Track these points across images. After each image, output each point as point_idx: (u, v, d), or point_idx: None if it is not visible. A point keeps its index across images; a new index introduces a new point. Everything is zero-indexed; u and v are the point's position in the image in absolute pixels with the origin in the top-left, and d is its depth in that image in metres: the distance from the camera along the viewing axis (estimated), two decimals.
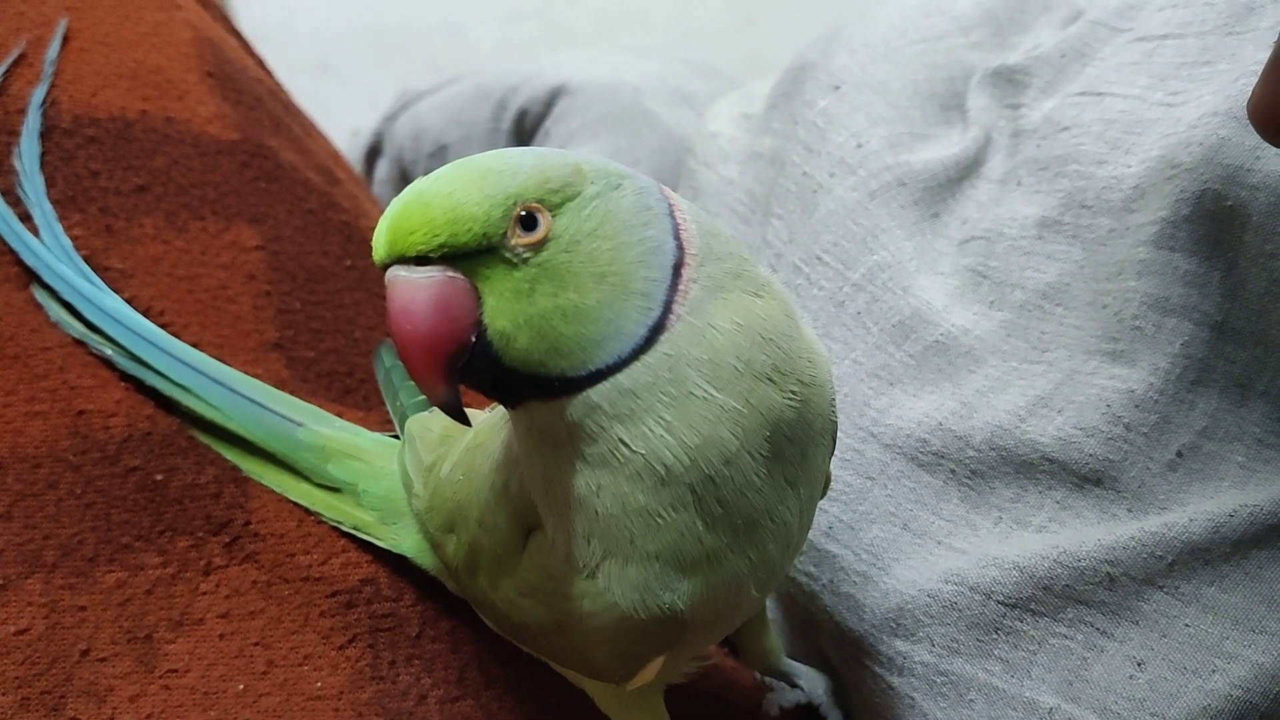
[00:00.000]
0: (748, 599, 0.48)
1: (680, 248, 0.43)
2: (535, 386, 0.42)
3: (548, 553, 0.48)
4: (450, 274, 0.41)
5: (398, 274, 0.41)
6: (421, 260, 0.41)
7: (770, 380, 0.43)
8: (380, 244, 0.41)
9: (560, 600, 0.48)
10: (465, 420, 0.45)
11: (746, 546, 0.45)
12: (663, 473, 0.42)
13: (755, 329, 0.43)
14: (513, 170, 0.41)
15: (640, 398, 0.42)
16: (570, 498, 0.45)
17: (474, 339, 0.41)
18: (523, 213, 0.40)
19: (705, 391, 0.42)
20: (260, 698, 0.60)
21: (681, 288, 0.43)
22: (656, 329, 0.42)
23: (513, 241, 0.40)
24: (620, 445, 0.42)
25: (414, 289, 0.41)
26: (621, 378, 0.42)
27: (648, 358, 0.42)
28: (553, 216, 0.41)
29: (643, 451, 0.42)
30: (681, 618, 0.45)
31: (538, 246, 0.41)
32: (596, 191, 0.42)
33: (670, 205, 0.44)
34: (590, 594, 0.46)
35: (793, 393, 0.44)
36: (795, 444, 0.45)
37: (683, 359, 0.42)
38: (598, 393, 0.42)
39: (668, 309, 0.42)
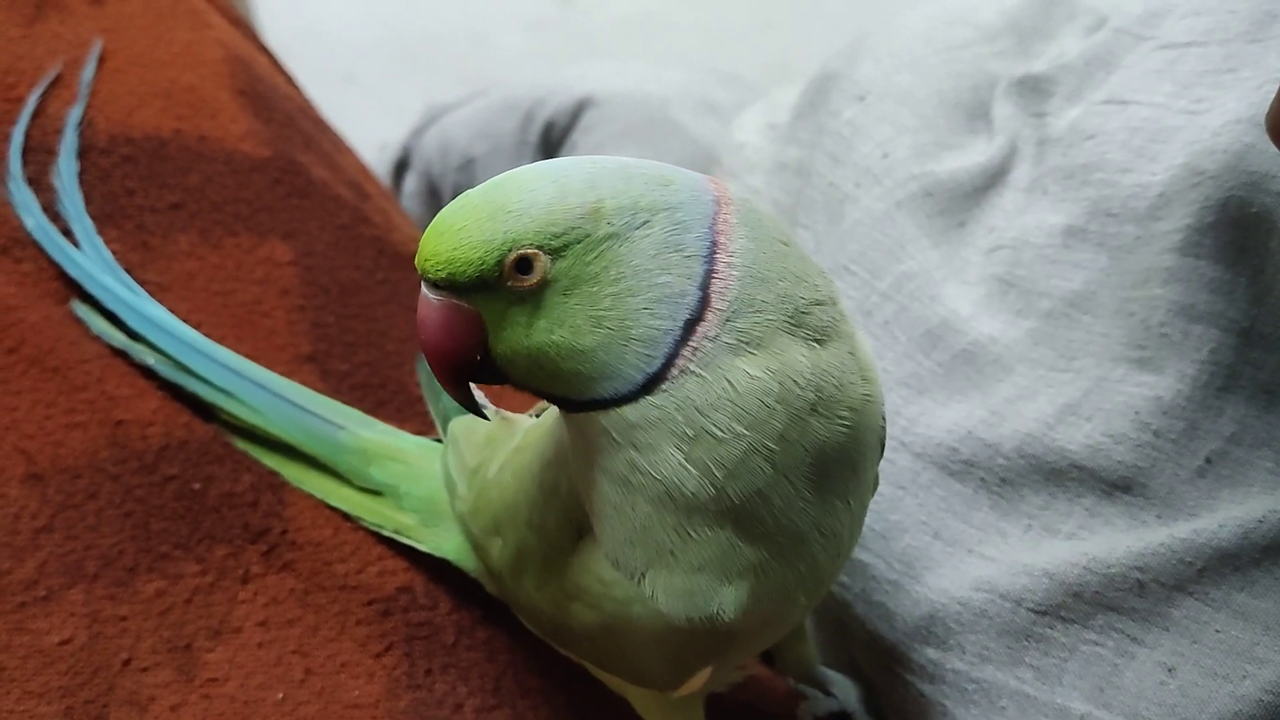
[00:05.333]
0: (796, 608, 0.48)
1: (705, 299, 0.41)
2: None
3: (598, 556, 0.48)
4: (456, 301, 0.43)
5: (424, 289, 0.44)
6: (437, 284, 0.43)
7: (815, 413, 0.42)
8: (416, 260, 0.44)
9: (609, 604, 0.47)
10: (480, 413, 0.50)
11: (794, 559, 0.45)
12: (683, 500, 0.42)
13: (790, 378, 0.42)
14: (521, 211, 0.41)
15: (648, 432, 0.42)
16: (610, 504, 0.45)
17: (481, 356, 0.44)
18: (518, 258, 0.41)
19: (730, 430, 0.41)
20: (299, 706, 0.60)
21: (693, 342, 0.41)
22: (657, 377, 0.41)
23: (509, 284, 0.41)
24: (635, 471, 0.43)
25: (427, 308, 0.44)
26: (626, 411, 0.42)
27: (653, 399, 0.42)
28: (554, 260, 0.41)
29: (660, 478, 0.42)
30: (730, 627, 0.45)
31: (536, 288, 0.41)
32: (610, 233, 0.41)
33: (713, 246, 0.42)
34: (640, 600, 0.46)
35: (842, 418, 0.43)
36: (846, 463, 0.45)
37: (692, 405, 0.41)
38: (606, 418, 0.43)
39: (670, 361, 0.41)
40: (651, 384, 0.41)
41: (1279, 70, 0.61)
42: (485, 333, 0.43)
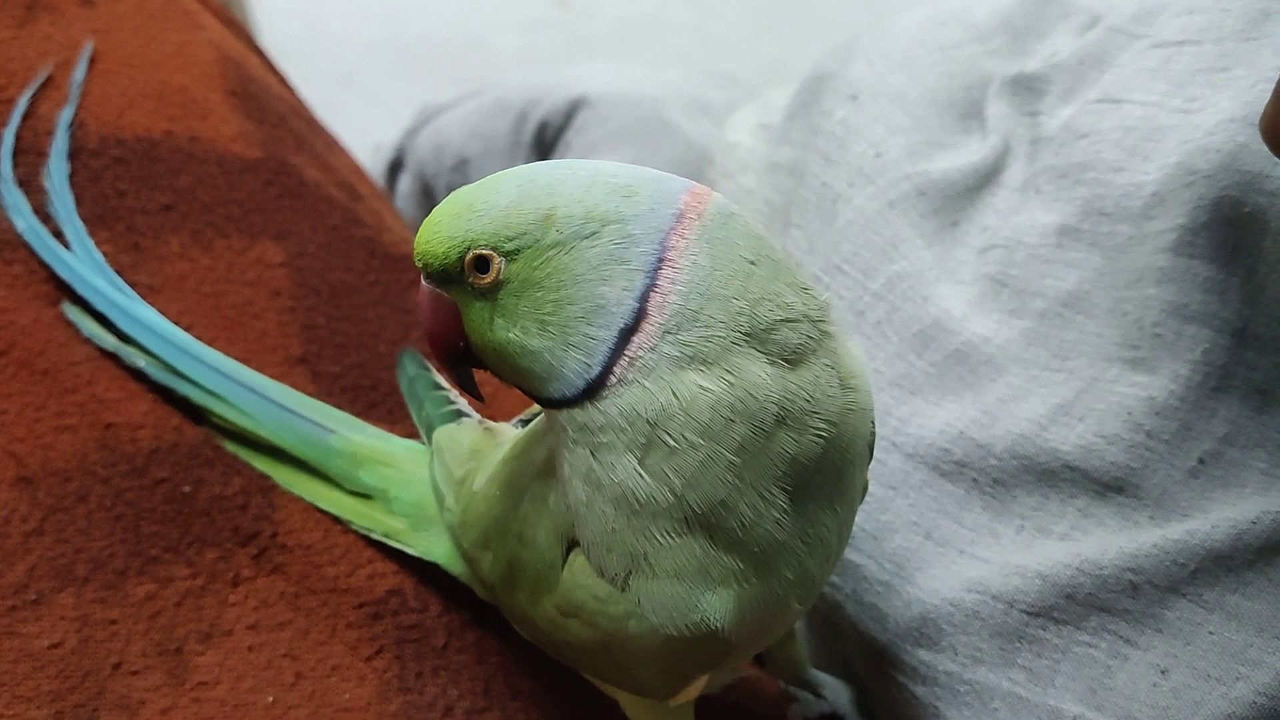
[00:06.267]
0: (789, 614, 0.48)
1: (643, 311, 0.42)
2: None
3: (590, 570, 0.47)
4: (437, 290, 0.46)
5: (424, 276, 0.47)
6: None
7: (784, 426, 0.42)
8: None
9: (605, 621, 0.47)
10: (477, 395, 0.51)
11: (779, 566, 0.44)
12: (641, 505, 0.43)
13: (748, 392, 0.41)
14: (483, 212, 0.43)
15: (597, 435, 0.43)
16: (583, 503, 0.45)
17: (464, 343, 0.47)
18: (476, 256, 0.43)
19: (683, 439, 0.41)
20: (289, 709, 0.60)
21: (629, 352, 0.42)
22: (598, 384, 0.42)
23: (469, 280, 0.44)
24: (592, 472, 0.43)
25: (420, 294, 0.47)
26: (576, 413, 0.43)
27: (597, 404, 0.42)
28: (507, 261, 0.43)
29: (617, 481, 0.43)
30: (723, 636, 0.45)
31: (492, 286, 0.43)
32: (557, 241, 0.42)
33: (660, 261, 0.42)
34: (635, 615, 0.46)
35: (817, 430, 0.43)
36: (829, 472, 0.45)
37: (637, 413, 0.42)
38: (562, 417, 0.44)
39: (608, 369, 0.42)
40: (594, 390, 0.42)
41: (1273, 69, 0.60)
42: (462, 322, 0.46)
